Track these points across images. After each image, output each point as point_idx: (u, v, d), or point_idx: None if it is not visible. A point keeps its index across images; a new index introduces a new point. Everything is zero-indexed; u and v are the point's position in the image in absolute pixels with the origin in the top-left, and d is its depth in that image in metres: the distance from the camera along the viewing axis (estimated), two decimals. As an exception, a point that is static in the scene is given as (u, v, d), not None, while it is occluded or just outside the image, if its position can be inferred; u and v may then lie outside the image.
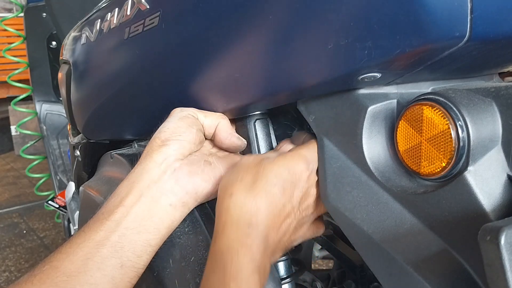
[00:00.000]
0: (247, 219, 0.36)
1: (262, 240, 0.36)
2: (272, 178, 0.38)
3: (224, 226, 0.36)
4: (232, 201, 0.36)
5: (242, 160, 0.41)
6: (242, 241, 0.35)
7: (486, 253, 0.26)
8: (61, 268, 0.37)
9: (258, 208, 0.36)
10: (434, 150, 0.33)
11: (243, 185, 0.37)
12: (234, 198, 0.37)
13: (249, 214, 0.36)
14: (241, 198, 0.36)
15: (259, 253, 0.35)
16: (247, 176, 0.38)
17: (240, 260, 0.33)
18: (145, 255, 0.40)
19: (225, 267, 0.33)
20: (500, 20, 0.29)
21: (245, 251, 0.34)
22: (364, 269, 0.70)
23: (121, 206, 0.40)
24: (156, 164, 0.42)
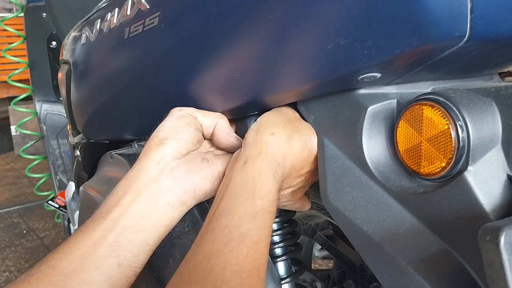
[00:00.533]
0: (280, 158, 0.41)
1: (283, 181, 0.42)
2: (306, 141, 0.43)
3: (259, 154, 0.40)
4: (272, 138, 0.41)
5: (284, 110, 0.45)
6: (273, 172, 0.39)
7: (486, 253, 0.26)
8: (58, 267, 0.37)
9: (289, 155, 0.41)
10: (434, 150, 0.33)
11: (285, 131, 0.42)
12: (275, 137, 0.41)
13: (282, 156, 0.41)
14: (280, 141, 0.41)
15: (278, 188, 0.40)
16: (289, 126, 0.43)
17: (270, 185, 0.38)
18: (143, 254, 0.40)
19: (255, 186, 0.37)
20: (500, 20, 0.29)
21: (274, 181, 0.39)
22: (364, 269, 0.70)
23: (118, 205, 0.40)
24: (154, 163, 0.42)
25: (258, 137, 0.41)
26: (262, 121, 0.43)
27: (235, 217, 0.35)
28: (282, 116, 0.44)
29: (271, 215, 0.37)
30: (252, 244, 0.34)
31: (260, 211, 0.36)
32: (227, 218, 0.36)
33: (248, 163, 0.39)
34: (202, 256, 0.33)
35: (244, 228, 0.35)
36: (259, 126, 0.43)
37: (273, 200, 0.38)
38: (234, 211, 0.36)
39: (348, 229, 0.39)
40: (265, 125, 0.43)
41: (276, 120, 0.43)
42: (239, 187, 0.38)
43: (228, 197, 0.38)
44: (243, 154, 0.41)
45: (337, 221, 0.41)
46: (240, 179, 0.39)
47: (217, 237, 0.34)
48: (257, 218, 0.36)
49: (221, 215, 0.36)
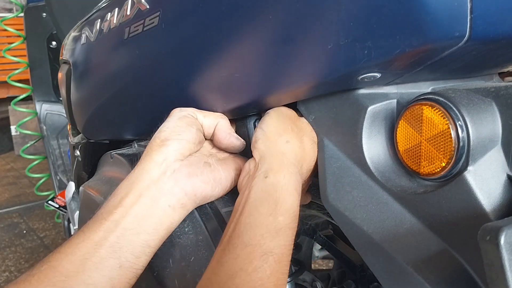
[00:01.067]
0: (299, 167, 0.41)
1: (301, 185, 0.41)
2: (313, 136, 0.43)
3: (281, 167, 0.39)
4: (289, 148, 0.41)
5: (282, 109, 0.44)
6: (296, 186, 0.39)
7: (486, 253, 0.26)
8: (59, 268, 0.37)
9: (304, 160, 0.42)
10: (434, 150, 0.33)
11: (296, 136, 0.42)
12: (291, 146, 0.41)
13: (300, 164, 0.41)
14: (296, 147, 0.41)
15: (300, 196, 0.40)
16: (295, 128, 0.43)
17: (293, 199, 0.38)
18: (144, 256, 0.40)
19: (278, 202, 0.37)
20: (500, 20, 0.29)
21: (296, 195, 0.39)
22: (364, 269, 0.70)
23: (120, 207, 0.40)
24: (156, 165, 0.41)
25: (274, 148, 0.41)
26: (269, 128, 0.42)
27: (257, 234, 0.35)
28: (286, 119, 0.43)
29: (293, 231, 0.37)
30: (275, 263, 0.34)
31: (282, 228, 0.36)
32: (249, 235, 0.35)
33: (269, 177, 0.38)
34: (225, 276, 0.33)
35: (267, 246, 0.34)
36: (269, 135, 0.42)
37: (295, 216, 0.37)
38: (256, 228, 0.35)
39: (348, 229, 0.39)
40: (275, 132, 0.42)
41: (283, 126, 0.42)
42: (260, 203, 0.37)
43: (249, 213, 0.37)
44: (262, 169, 0.39)
45: (337, 221, 0.41)
46: (261, 193, 0.38)
47: (240, 256, 0.34)
48: (279, 235, 0.35)
49: (242, 232, 0.36)
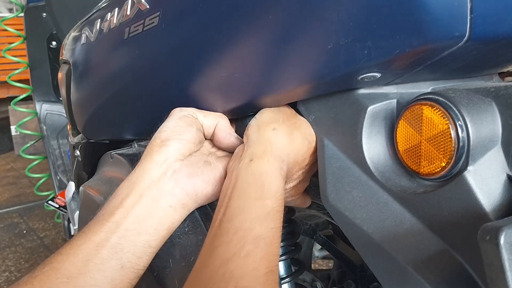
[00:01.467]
0: (284, 154, 0.41)
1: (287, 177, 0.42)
2: (305, 135, 0.43)
3: (265, 152, 0.40)
4: (275, 134, 0.42)
5: (281, 107, 0.45)
6: (279, 170, 0.39)
7: (485, 252, 0.26)
8: (61, 269, 0.37)
9: (291, 150, 0.42)
10: (434, 150, 0.33)
11: (285, 127, 0.42)
12: (277, 133, 0.42)
13: (286, 152, 0.41)
14: (282, 136, 0.42)
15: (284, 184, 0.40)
16: (287, 121, 0.43)
17: (278, 183, 0.38)
18: (145, 256, 0.40)
19: (264, 185, 0.37)
20: (500, 20, 0.29)
21: (280, 178, 0.39)
22: (364, 269, 0.70)
23: (121, 207, 0.40)
24: (157, 165, 0.41)
25: (260, 134, 0.42)
26: (262, 118, 0.44)
27: (247, 218, 0.35)
28: (280, 113, 0.44)
29: (280, 214, 0.37)
30: (266, 246, 0.34)
31: (270, 211, 0.36)
32: (240, 219, 0.35)
33: (254, 161, 0.39)
34: (219, 261, 0.33)
35: (257, 230, 0.35)
36: (260, 123, 0.43)
37: (281, 199, 0.38)
38: (245, 212, 0.36)
39: (348, 229, 0.39)
40: (265, 121, 0.43)
41: (275, 117, 0.44)
42: (247, 186, 0.38)
43: (237, 197, 0.37)
44: (248, 152, 0.40)
45: (337, 221, 0.41)
46: (247, 177, 0.38)
47: (232, 240, 0.34)
48: (268, 219, 0.36)
49: (232, 216, 0.36)
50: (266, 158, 0.39)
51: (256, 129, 0.43)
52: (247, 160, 0.40)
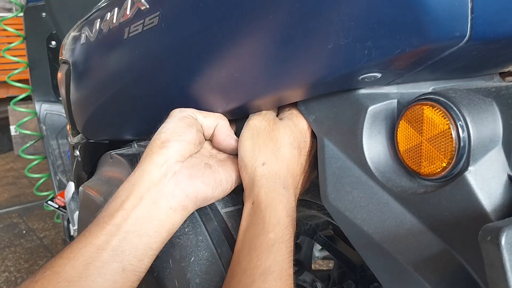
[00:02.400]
0: (281, 182, 0.42)
1: (292, 196, 0.42)
2: (291, 142, 0.43)
3: (261, 188, 0.41)
4: (267, 168, 0.42)
5: (255, 123, 0.44)
6: (279, 200, 0.40)
7: (486, 253, 0.26)
8: (62, 273, 0.37)
9: (286, 170, 0.42)
10: (434, 150, 0.33)
11: (271, 154, 0.42)
12: (268, 167, 0.42)
13: (283, 178, 0.42)
14: (275, 166, 0.42)
15: (291, 207, 0.41)
16: (270, 143, 0.43)
17: (278, 214, 0.39)
18: (146, 258, 0.40)
19: (265, 220, 0.38)
20: (500, 20, 0.29)
21: (282, 207, 0.40)
22: (364, 269, 0.70)
23: (121, 210, 0.40)
24: (157, 166, 0.41)
25: (253, 174, 0.42)
26: (246, 153, 0.43)
27: (253, 256, 0.37)
28: (259, 136, 0.43)
29: (287, 244, 0.38)
30: (275, 280, 0.35)
31: (274, 244, 0.37)
32: (246, 260, 0.37)
33: (254, 202, 0.40)
34: None
35: (264, 266, 0.36)
36: (247, 161, 0.43)
37: (285, 228, 0.39)
38: (250, 251, 0.37)
39: (349, 229, 0.39)
40: (251, 157, 0.43)
41: (258, 145, 0.43)
42: (249, 227, 0.39)
43: (242, 238, 0.39)
44: (248, 196, 0.42)
45: (337, 221, 0.41)
46: (249, 218, 0.40)
47: (241, 281, 0.36)
48: (273, 251, 0.37)
49: (240, 258, 0.38)
50: (265, 196, 0.40)
51: (247, 170, 0.42)
52: (249, 204, 0.41)
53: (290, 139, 0.43)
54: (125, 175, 0.57)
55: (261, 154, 0.42)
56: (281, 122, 0.44)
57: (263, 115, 0.45)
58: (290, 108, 0.46)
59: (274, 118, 0.45)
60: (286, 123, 0.44)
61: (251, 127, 0.44)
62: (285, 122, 0.44)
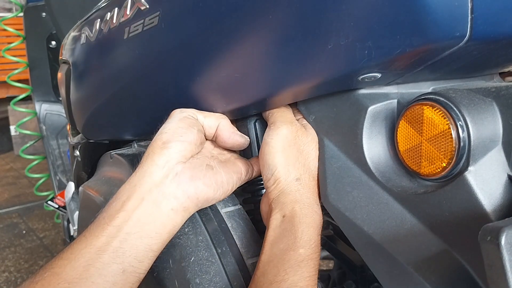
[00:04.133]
0: (315, 198, 0.42)
1: (321, 213, 0.42)
2: (316, 155, 0.43)
3: (295, 203, 0.40)
4: (301, 184, 0.42)
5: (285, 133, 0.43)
6: (313, 217, 0.40)
7: (486, 253, 0.26)
8: (63, 274, 0.37)
9: (317, 186, 0.43)
10: (434, 150, 0.33)
11: (304, 169, 0.43)
12: (302, 182, 0.42)
13: (316, 194, 0.42)
14: (307, 181, 0.42)
15: (321, 224, 0.41)
16: (301, 157, 0.43)
17: (311, 231, 0.39)
18: (147, 259, 0.40)
19: (296, 236, 0.38)
20: (501, 20, 0.29)
21: (315, 225, 0.40)
22: (365, 269, 0.70)
23: (122, 211, 0.40)
24: (158, 167, 0.41)
25: (286, 189, 0.41)
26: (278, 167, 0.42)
27: (280, 270, 0.36)
28: (288, 146, 0.42)
29: (315, 262, 0.38)
30: None
31: (304, 260, 0.37)
32: (273, 273, 0.37)
33: (286, 216, 0.40)
34: None
35: (291, 280, 0.36)
36: (279, 175, 0.42)
37: (316, 246, 0.39)
38: (278, 264, 0.37)
39: (349, 230, 0.39)
40: (284, 172, 0.42)
41: (289, 157, 0.42)
42: (280, 239, 0.39)
43: (270, 250, 0.39)
44: (277, 207, 0.41)
45: (337, 221, 0.41)
46: (279, 231, 0.40)
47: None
48: (301, 267, 0.37)
49: (267, 270, 0.37)
50: (300, 211, 0.40)
51: (279, 185, 0.42)
52: (279, 216, 0.40)
53: (316, 152, 0.43)
54: (125, 175, 0.57)
55: (295, 169, 0.42)
56: (307, 133, 0.43)
57: (290, 122, 0.43)
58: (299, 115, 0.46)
59: (301, 127, 0.44)
60: (312, 134, 0.43)
61: (282, 137, 0.43)
62: (312, 133, 0.43)
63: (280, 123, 0.43)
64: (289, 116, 0.44)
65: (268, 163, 0.43)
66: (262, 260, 0.39)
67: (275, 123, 0.43)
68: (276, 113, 0.45)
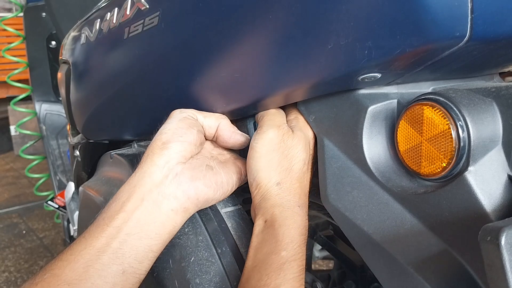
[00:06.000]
0: (296, 201, 0.41)
1: (306, 214, 0.42)
2: (304, 158, 0.43)
3: (275, 208, 0.40)
4: (281, 188, 0.41)
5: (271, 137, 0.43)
6: (294, 219, 0.40)
7: (486, 253, 0.26)
8: (62, 276, 0.36)
9: (301, 189, 0.42)
10: (434, 150, 0.33)
11: (286, 173, 0.42)
12: (283, 186, 0.42)
13: (298, 196, 0.42)
14: (288, 185, 0.42)
15: (305, 226, 0.41)
16: (285, 161, 0.42)
17: (292, 233, 0.39)
18: (147, 260, 0.40)
19: (277, 239, 0.38)
20: (501, 20, 0.29)
21: (296, 226, 0.39)
22: (365, 269, 0.70)
23: (122, 212, 0.40)
24: (158, 168, 0.41)
25: (267, 194, 0.41)
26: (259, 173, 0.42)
27: (263, 275, 0.36)
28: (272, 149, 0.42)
29: (299, 262, 0.38)
30: None
31: (286, 262, 0.37)
32: (256, 278, 0.37)
33: (268, 221, 0.40)
34: None
35: (274, 284, 0.35)
36: (260, 180, 0.42)
37: (298, 247, 0.38)
38: (261, 269, 0.37)
39: (349, 230, 0.39)
40: (265, 176, 0.42)
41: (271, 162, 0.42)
42: (262, 245, 0.39)
43: (254, 256, 0.39)
44: (259, 213, 0.41)
45: (337, 221, 0.41)
46: (261, 235, 0.40)
47: None
48: (283, 270, 0.36)
49: (250, 276, 0.37)
50: (279, 214, 0.40)
51: (260, 191, 0.42)
52: (261, 222, 0.41)
53: (303, 155, 0.43)
54: (125, 175, 0.57)
55: (276, 174, 0.42)
56: (295, 136, 0.43)
57: (277, 126, 0.43)
58: (295, 114, 0.45)
59: (288, 131, 0.43)
60: (299, 136, 0.43)
61: (267, 141, 0.42)
62: (298, 135, 0.43)
63: (267, 127, 0.43)
64: (278, 120, 0.44)
65: (251, 168, 0.43)
66: (246, 266, 0.39)
67: (262, 127, 0.44)
68: (266, 116, 0.45)
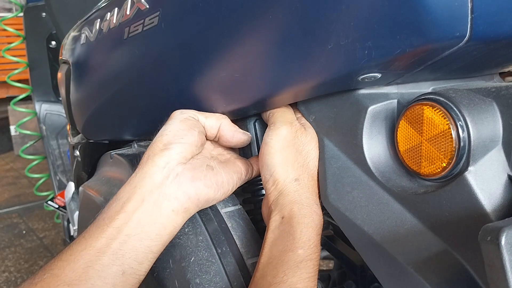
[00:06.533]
0: (314, 199, 0.42)
1: (321, 213, 0.42)
2: (316, 155, 0.43)
3: (294, 204, 0.40)
4: (300, 184, 0.42)
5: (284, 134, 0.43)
6: (312, 217, 0.40)
7: (486, 253, 0.26)
8: (62, 276, 0.36)
9: (316, 186, 0.43)
10: (434, 150, 0.33)
11: (303, 169, 0.42)
12: (301, 182, 0.42)
13: (315, 194, 0.42)
14: (306, 181, 0.42)
15: (321, 225, 0.41)
16: (300, 157, 0.42)
17: (309, 231, 0.39)
18: (147, 261, 0.40)
19: (295, 236, 0.38)
20: (501, 20, 0.29)
21: (314, 225, 0.40)
22: (365, 269, 0.70)
23: (122, 212, 0.39)
24: (159, 169, 0.41)
25: (285, 190, 0.41)
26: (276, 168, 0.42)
27: (279, 271, 0.36)
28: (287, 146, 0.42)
29: (314, 262, 0.38)
30: None
31: (302, 261, 0.37)
32: (272, 274, 0.37)
33: (285, 217, 0.40)
34: None
35: (290, 281, 0.36)
36: (277, 176, 0.42)
37: (315, 247, 0.39)
38: (277, 266, 0.37)
39: (349, 230, 0.39)
40: (282, 172, 0.42)
41: (288, 158, 0.42)
42: (278, 241, 0.39)
43: (269, 252, 0.39)
44: (276, 209, 0.41)
45: (337, 221, 0.41)
46: (278, 232, 0.40)
47: None
48: (300, 268, 0.37)
49: (266, 272, 0.37)
50: (298, 211, 0.40)
51: (277, 186, 0.41)
52: (278, 217, 0.40)
53: (316, 152, 0.43)
54: (125, 176, 0.57)
55: (294, 170, 0.42)
56: (308, 133, 0.43)
57: (289, 122, 0.43)
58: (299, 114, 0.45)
59: (301, 127, 0.43)
60: (312, 133, 0.43)
61: (281, 137, 0.42)
62: (311, 133, 0.43)
63: (280, 124, 0.43)
64: (289, 117, 0.44)
65: (267, 164, 0.43)
66: (261, 262, 0.39)
67: (275, 123, 0.43)
68: (277, 113, 0.44)
